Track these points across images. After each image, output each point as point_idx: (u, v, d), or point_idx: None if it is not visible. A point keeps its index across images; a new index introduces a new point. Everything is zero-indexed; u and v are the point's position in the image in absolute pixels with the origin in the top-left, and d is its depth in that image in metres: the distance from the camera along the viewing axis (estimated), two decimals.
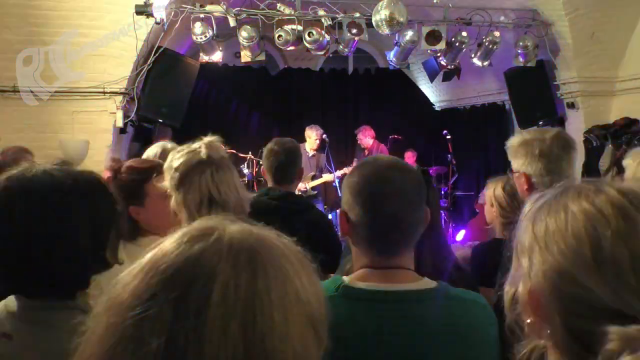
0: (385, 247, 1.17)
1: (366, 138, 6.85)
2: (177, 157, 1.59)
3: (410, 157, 7.47)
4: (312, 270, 0.63)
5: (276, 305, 0.55)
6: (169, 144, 2.55)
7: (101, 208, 1.10)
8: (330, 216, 6.45)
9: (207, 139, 1.61)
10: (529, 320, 0.74)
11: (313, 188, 6.29)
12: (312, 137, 6.18)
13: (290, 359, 0.54)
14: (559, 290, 0.69)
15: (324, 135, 6.39)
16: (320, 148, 6.33)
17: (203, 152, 1.55)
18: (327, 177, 6.34)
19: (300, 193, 6.10)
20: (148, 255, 0.58)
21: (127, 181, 1.81)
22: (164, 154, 2.45)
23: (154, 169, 1.88)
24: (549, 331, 0.72)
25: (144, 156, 2.46)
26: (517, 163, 1.96)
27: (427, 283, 1.17)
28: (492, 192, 2.38)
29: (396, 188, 1.16)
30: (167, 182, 1.60)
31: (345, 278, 1.18)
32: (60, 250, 1.01)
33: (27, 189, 1.03)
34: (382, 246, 1.17)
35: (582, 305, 0.67)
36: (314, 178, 6.28)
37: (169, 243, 0.58)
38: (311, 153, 6.25)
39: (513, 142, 2.02)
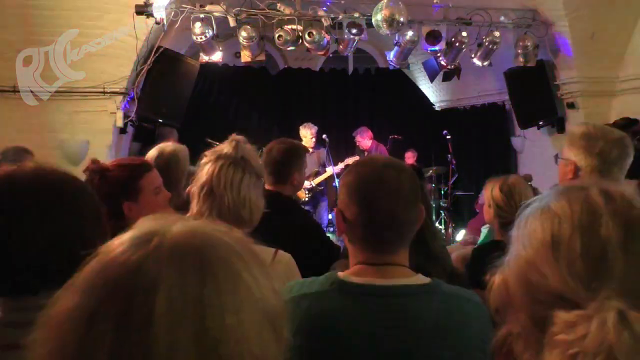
0: (381, 246, 1.18)
1: (365, 140, 6.84)
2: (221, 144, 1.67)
3: (410, 157, 7.48)
4: (266, 264, 0.61)
5: (228, 308, 0.52)
6: (168, 147, 2.54)
7: (95, 203, 1.12)
8: (330, 216, 6.46)
9: (236, 137, 1.65)
10: (509, 309, 0.79)
11: (319, 184, 6.30)
12: (308, 136, 6.17)
13: (247, 359, 0.52)
14: (523, 277, 0.74)
15: (324, 135, 6.40)
16: (318, 144, 6.32)
17: (227, 147, 1.61)
18: (328, 171, 6.36)
19: (307, 191, 6.13)
20: (86, 269, 0.54)
21: (122, 178, 1.83)
22: (160, 157, 2.45)
23: (146, 165, 1.94)
24: (517, 317, 0.77)
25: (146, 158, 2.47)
26: (571, 152, 1.93)
27: (421, 279, 1.19)
28: (489, 193, 2.37)
29: (392, 187, 1.17)
30: None
31: (340, 273, 1.19)
32: (67, 244, 1.01)
33: (33, 184, 1.03)
34: (378, 244, 1.18)
35: (540, 291, 0.72)
36: (317, 174, 6.29)
37: (107, 253, 0.55)
38: (310, 151, 6.26)
39: (575, 131, 1.99)
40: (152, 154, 2.51)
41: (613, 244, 0.69)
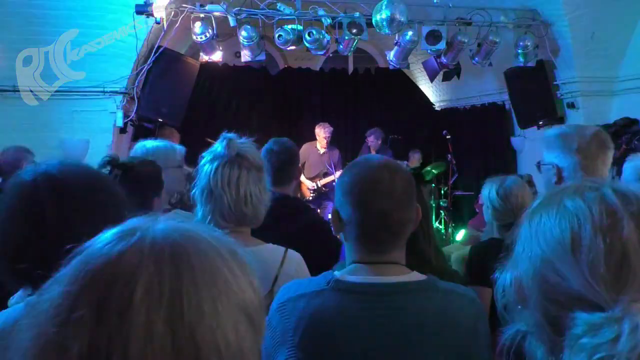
0: (375, 245, 1.20)
1: (378, 140, 6.88)
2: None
3: (414, 159, 7.49)
4: (244, 261, 0.63)
5: (204, 297, 0.55)
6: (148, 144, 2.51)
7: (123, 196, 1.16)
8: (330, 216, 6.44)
9: (227, 135, 1.64)
10: (520, 307, 0.78)
11: (324, 185, 6.28)
12: (321, 135, 6.17)
13: (223, 348, 0.55)
14: (539, 276, 0.74)
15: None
16: (331, 145, 6.31)
17: (219, 147, 1.60)
18: (339, 174, 6.32)
19: (311, 191, 6.11)
20: (73, 262, 0.57)
21: (153, 173, 1.90)
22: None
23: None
24: (529, 316, 0.76)
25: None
26: (551, 155, 1.91)
27: (416, 276, 1.20)
28: (487, 194, 2.38)
29: (385, 187, 1.18)
30: None
31: (336, 272, 1.21)
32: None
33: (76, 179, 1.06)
34: (372, 244, 1.20)
35: (558, 292, 0.71)
36: (325, 175, 6.27)
37: (92, 247, 0.57)
38: (322, 151, 6.24)
39: (550, 134, 1.95)
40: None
41: (635, 246, 0.69)
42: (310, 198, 6.14)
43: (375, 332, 1.12)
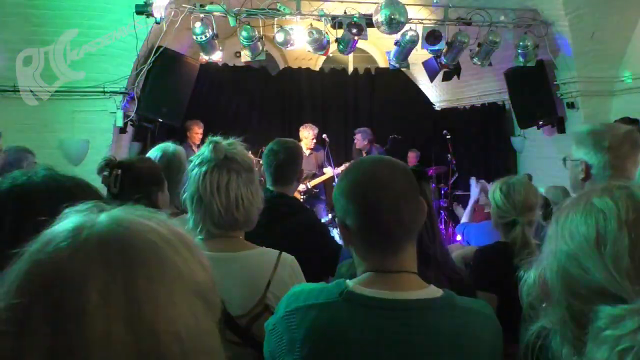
0: (387, 246, 1.16)
1: (364, 140, 6.83)
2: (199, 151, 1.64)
3: (412, 158, 7.48)
4: (191, 242, 0.63)
5: (158, 289, 0.55)
6: (170, 147, 2.54)
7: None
8: (330, 216, 6.45)
9: (213, 138, 1.60)
10: (544, 304, 0.79)
11: (315, 187, 6.27)
12: (309, 137, 6.16)
13: (183, 334, 0.55)
14: (563, 271, 0.75)
15: (324, 135, 6.38)
16: (317, 146, 6.30)
17: (207, 150, 1.56)
18: (328, 172, 6.32)
19: (302, 193, 6.09)
20: (17, 268, 0.55)
21: (153, 169, 1.92)
22: (163, 158, 2.45)
23: None
24: (553, 312, 0.77)
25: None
26: (580, 152, 1.89)
27: (433, 292, 1.15)
28: (492, 194, 2.38)
29: (385, 185, 1.15)
30: None
31: (350, 282, 1.16)
32: None
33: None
34: (385, 246, 1.16)
35: (581, 285, 0.72)
36: (314, 177, 6.26)
37: (37, 251, 0.55)
38: (308, 152, 6.24)
39: (582, 130, 1.93)
40: (153, 153, 2.51)
41: None
42: (302, 200, 6.12)
43: (388, 350, 1.07)
